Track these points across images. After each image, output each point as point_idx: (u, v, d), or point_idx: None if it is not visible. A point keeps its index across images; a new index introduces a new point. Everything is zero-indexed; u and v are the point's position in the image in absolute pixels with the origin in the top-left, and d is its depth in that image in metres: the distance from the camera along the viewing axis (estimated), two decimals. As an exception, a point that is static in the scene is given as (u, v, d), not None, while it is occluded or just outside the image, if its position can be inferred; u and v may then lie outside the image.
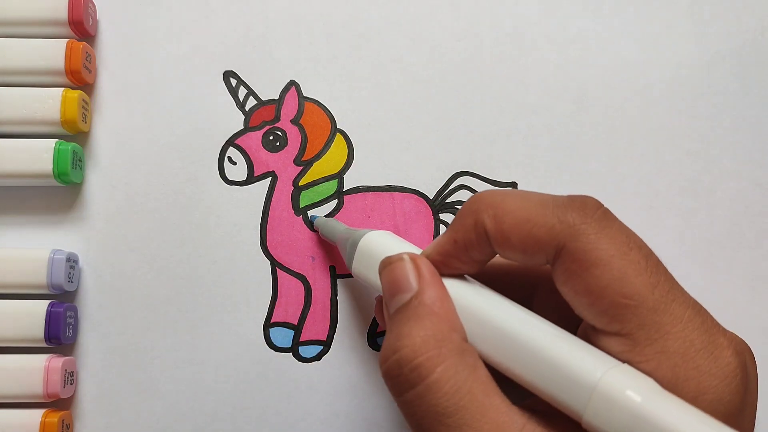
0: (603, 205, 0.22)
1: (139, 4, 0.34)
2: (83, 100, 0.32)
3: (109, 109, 0.33)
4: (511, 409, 0.20)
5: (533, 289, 0.26)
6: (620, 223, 0.21)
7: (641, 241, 0.21)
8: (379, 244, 0.26)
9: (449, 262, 0.24)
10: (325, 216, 0.32)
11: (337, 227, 0.30)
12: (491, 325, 0.22)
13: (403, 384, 0.21)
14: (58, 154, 0.30)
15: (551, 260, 0.21)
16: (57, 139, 0.31)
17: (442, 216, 0.33)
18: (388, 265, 0.24)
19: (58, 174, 0.31)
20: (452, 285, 0.23)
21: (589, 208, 0.21)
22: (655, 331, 0.20)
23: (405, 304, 0.23)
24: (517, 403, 0.21)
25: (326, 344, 0.32)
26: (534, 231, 0.21)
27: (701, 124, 0.33)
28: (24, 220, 0.32)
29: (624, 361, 0.20)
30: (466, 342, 0.22)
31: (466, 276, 0.24)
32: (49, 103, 0.31)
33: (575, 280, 0.21)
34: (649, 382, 0.19)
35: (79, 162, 0.32)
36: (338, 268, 0.32)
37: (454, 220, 0.24)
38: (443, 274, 0.24)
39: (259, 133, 0.33)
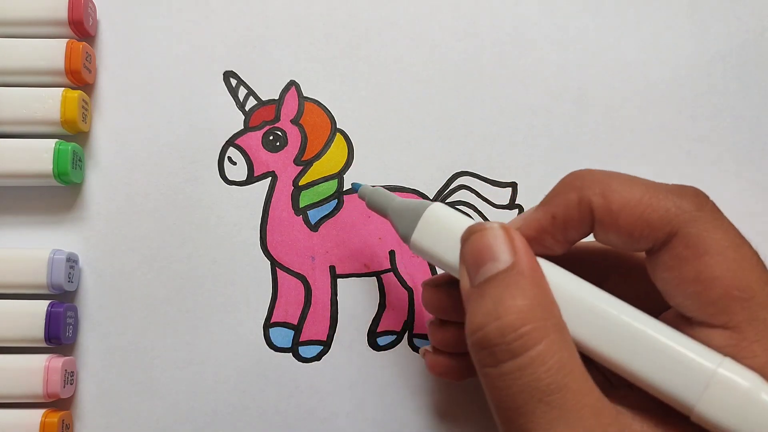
0: (711, 199, 0.21)
1: (139, 4, 0.34)
2: (83, 100, 0.32)
3: (109, 109, 0.33)
4: (603, 396, 0.20)
5: (605, 276, 0.25)
6: (728, 219, 0.21)
7: (747, 239, 0.21)
8: (449, 215, 0.25)
9: (542, 239, 0.23)
10: (327, 214, 0.32)
11: (390, 196, 0.28)
12: (593, 310, 0.21)
13: (503, 353, 0.19)
14: (58, 154, 0.30)
15: (658, 246, 0.21)
16: (57, 139, 0.31)
17: (442, 216, 0.33)
18: (475, 232, 0.22)
19: (58, 174, 0.31)
20: (542, 264, 0.22)
21: (702, 197, 0.21)
22: (764, 327, 0.19)
23: (500, 272, 0.21)
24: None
25: (326, 344, 0.32)
26: (646, 214, 0.21)
27: (701, 124, 0.33)
28: (24, 220, 0.32)
29: (726, 356, 0.19)
30: (563, 321, 0.21)
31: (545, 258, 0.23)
32: (49, 103, 0.31)
33: (685, 267, 0.20)
34: (758, 377, 0.19)
35: (79, 162, 0.32)
36: (338, 268, 0.32)
37: (551, 195, 0.23)
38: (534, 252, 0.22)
39: (259, 133, 0.33)
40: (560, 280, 0.22)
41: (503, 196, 0.33)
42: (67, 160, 0.30)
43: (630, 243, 0.22)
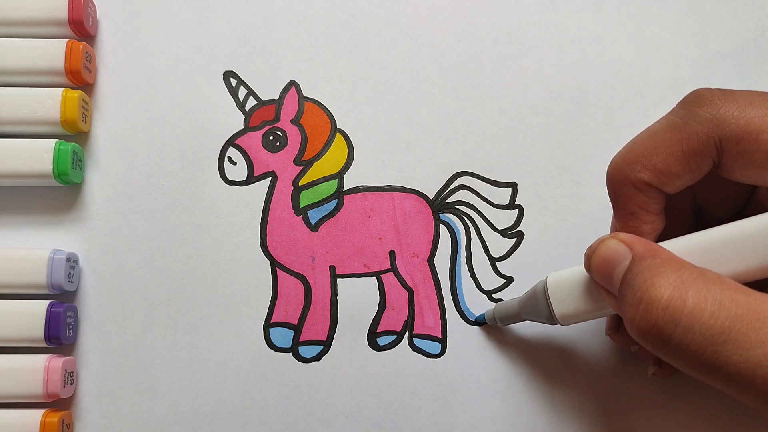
0: (710, 88, 0.23)
1: (139, 4, 0.34)
2: (83, 100, 0.32)
3: (109, 109, 0.33)
4: None
5: (692, 205, 0.27)
6: (737, 92, 0.23)
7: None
8: (566, 273, 0.26)
9: (641, 231, 0.25)
10: (327, 214, 0.32)
11: (511, 302, 0.30)
12: (716, 244, 0.23)
13: (664, 327, 0.20)
14: (58, 154, 0.30)
15: (716, 159, 0.23)
16: (57, 139, 0.31)
17: (442, 216, 0.33)
18: (592, 253, 0.24)
19: (58, 174, 0.31)
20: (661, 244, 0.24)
21: (707, 95, 0.23)
22: None
23: (627, 269, 0.22)
24: None
25: (326, 344, 0.32)
26: (686, 147, 0.23)
27: (701, 124, 0.33)
28: (24, 220, 0.32)
29: None
30: (698, 267, 0.21)
31: None
32: (49, 103, 0.31)
33: (752, 156, 0.22)
34: None
35: (79, 162, 0.32)
36: (338, 268, 0.32)
37: (613, 201, 0.25)
38: None
39: (259, 133, 0.33)
40: (676, 244, 0.23)
41: (503, 196, 0.33)
42: (67, 160, 0.30)
43: (695, 175, 0.24)
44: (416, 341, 0.32)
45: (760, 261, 0.22)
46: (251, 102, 0.33)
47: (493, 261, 0.32)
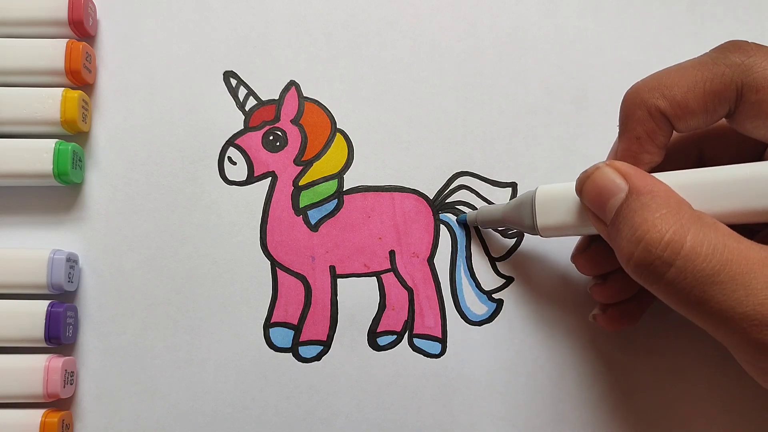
0: (746, 40, 0.24)
1: (139, 4, 0.34)
2: (83, 100, 0.32)
3: (109, 109, 0.33)
4: (764, 246, 0.21)
5: (698, 157, 0.28)
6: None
7: None
8: (556, 187, 0.27)
9: (641, 159, 0.25)
10: (327, 214, 0.32)
11: (495, 206, 0.30)
12: (714, 183, 0.23)
13: (660, 266, 0.21)
14: (58, 154, 0.30)
15: (733, 104, 0.23)
16: (57, 139, 0.31)
17: (442, 216, 0.33)
18: (586, 179, 0.24)
19: (58, 174, 0.31)
20: (656, 176, 0.24)
21: (742, 44, 0.23)
22: None
23: (623, 202, 0.23)
24: None
25: (326, 344, 0.32)
26: (708, 86, 0.23)
27: (701, 124, 0.33)
28: (24, 220, 0.32)
29: None
30: (695, 210, 0.22)
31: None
32: (49, 103, 0.31)
33: (765, 106, 0.22)
34: None
35: (79, 162, 0.32)
36: (338, 268, 0.32)
37: (622, 123, 0.25)
38: None
39: (259, 133, 0.33)
40: (674, 179, 0.24)
41: (503, 196, 0.33)
42: (67, 160, 0.30)
43: (709, 117, 0.24)
44: (416, 341, 0.32)
45: (753, 205, 0.23)
46: (251, 102, 0.33)
47: (493, 261, 0.32)
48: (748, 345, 0.21)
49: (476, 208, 0.32)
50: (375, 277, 0.32)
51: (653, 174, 0.24)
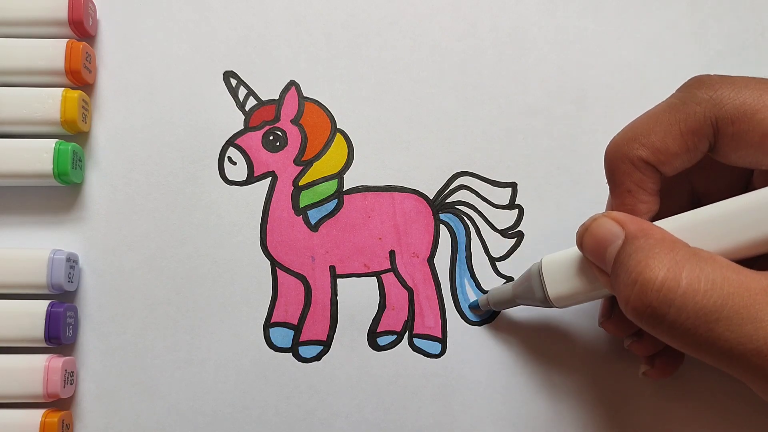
0: (709, 74, 0.24)
1: (139, 4, 0.34)
2: (83, 100, 0.32)
3: (109, 109, 0.33)
4: (764, 273, 0.21)
5: (689, 194, 0.28)
6: (735, 77, 0.24)
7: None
8: (561, 255, 0.27)
9: (637, 210, 0.25)
10: (327, 214, 0.32)
11: (505, 287, 0.30)
12: (712, 221, 0.23)
13: (657, 309, 0.21)
14: (58, 154, 0.30)
15: (712, 140, 0.23)
16: (57, 139, 0.31)
17: (442, 216, 0.33)
18: (584, 231, 0.24)
19: (58, 174, 0.31)
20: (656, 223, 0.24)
21: (705, 78, 0.24)
22: None
23: (620, 249, 0.22)
24: None
25: (326, 344, 0.32)
26: (683, 127, 0.23)
27: (701, 124, 0.33)
28: (24, 220, 0.32)
29: None
30: (691, 246, 0.22)
31: None
32: (49, 102, 0.31)
33: (747, 136, 0.22)
34: None
35: (79, 162, 0.32)
36: (338, 268, 0.32)
37: (610, 179, 0.26)
38: None
39: (259, 133, 0.33)
40: (670, 224, 0.24)
41: (503, 196, 0.33)
42: (67, 160, 0.30)
43: (692, 156, 0.24)
44: (416, 341, 0.32)
45: (750, 237, 0.22)
46: (251, 102, 0.33)
47: (493, 261, 0.32)
48: (765, 380, 0.20)
49: (476, 209, 0.33)
50: (375, 277, 0.32)
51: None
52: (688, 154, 0.24)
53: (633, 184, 0.25)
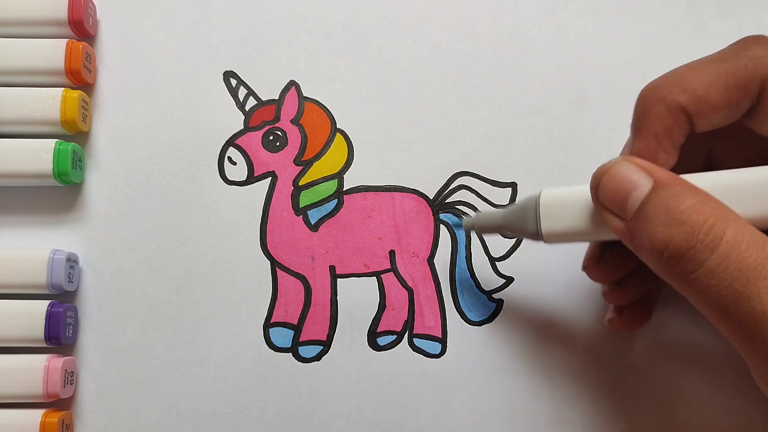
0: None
1: (139, 4, 0.34)
2: (83, 100, 0.32)
3: (109, 109, 0.33)
4: None
5: (705, 161, 0.27)
6: None
7: None
8: (563, 191, 0.26)
9: (657, 158, 0.24)
10: (327, 214, 0.32)
11: (494, 211, 0.29)
12: (741, 185, 0.22)
13: (701, 252, 0.20)
14: (58, 154, 0.30)
15: (755, 100, 0.22)
16: (57, 139, 0.31)
17: (442, 216, 0.33)
18: (603, 173, 0.23)
19: (58, 174, 0.31)
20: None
21: (763, 38, 0.22)
22: None
23: (650, 193, 0.22)
24: None
25: (326, 344, 0.32)
26: (730, 79, 0.22)
27: (701, 124, 0.33)
28: (24, 220, 0.32)
29: None
30: None
31: None
32: (49, 102, 0.31)
33: None
34: None
35: (79, 162, 0.32)
36: (338, 268, 0.32)
37: (638, 119, 0.24)
38: None
39: (259, 133, 0.33)
40: (695, 179, 0.22)
41: (503, 196, 0.33)
42: (67, 160, 0.30)
43: (731, 112, 0.23)
44: (416, 341, 0.32)
45: None
46: (251, 102, 0.33)
47: (493, 261, 0.32)
48: None
49: (476, 209, 0.32)
50: (375, 277, 0.32)
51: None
52: (727, 109, 0.23)
53: (662, 130, 0.23)
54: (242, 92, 0.33)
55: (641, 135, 0.24)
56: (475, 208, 0.33)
